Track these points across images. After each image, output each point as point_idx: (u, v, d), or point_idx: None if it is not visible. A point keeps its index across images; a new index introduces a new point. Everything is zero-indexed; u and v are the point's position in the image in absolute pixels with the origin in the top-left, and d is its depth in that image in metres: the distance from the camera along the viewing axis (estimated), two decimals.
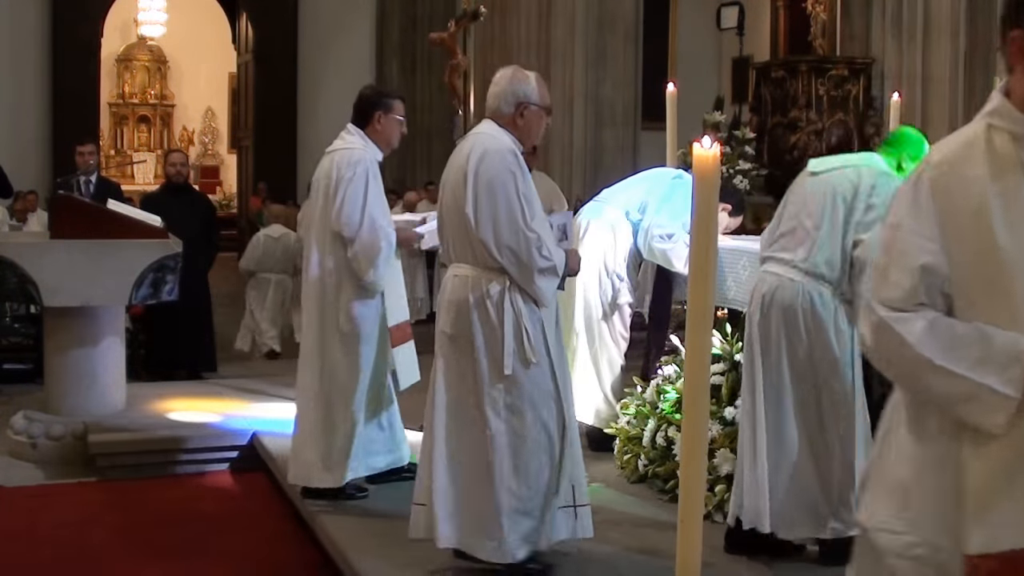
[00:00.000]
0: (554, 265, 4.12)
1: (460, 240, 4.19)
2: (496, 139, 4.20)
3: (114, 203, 6.98)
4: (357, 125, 5.37)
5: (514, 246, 4.08)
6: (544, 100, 4.30)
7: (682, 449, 1.88)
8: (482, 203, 4.10)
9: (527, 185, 4.16)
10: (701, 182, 1.91)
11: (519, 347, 4.10)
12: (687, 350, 1.87)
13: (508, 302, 4.10)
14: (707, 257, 1.88)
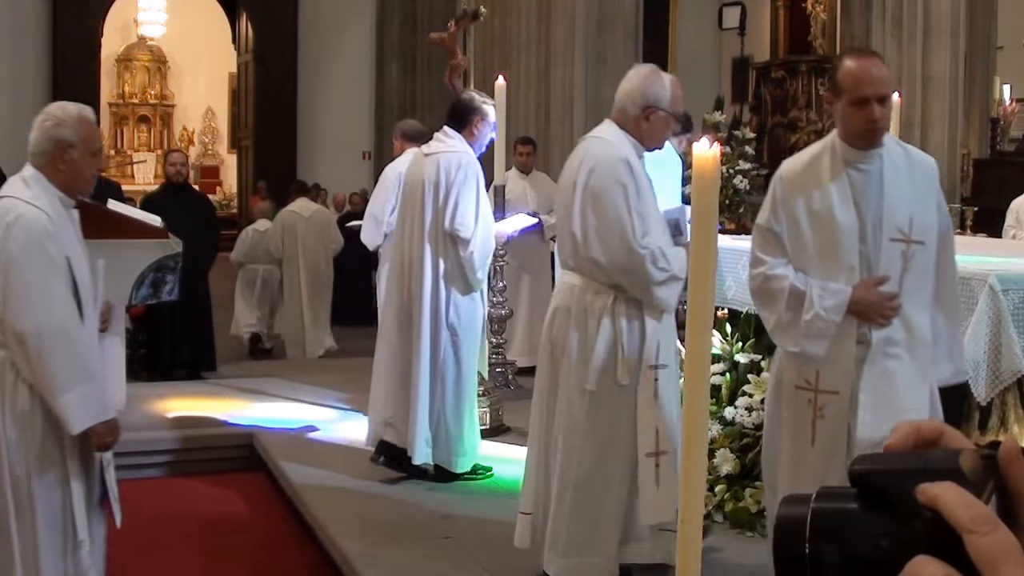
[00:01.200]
0: (673, 273, 3.90)
1: (568, 249, 4.03)
2: (610, 146, 3.98)
3: (114, 203, 6.97)
4: (454, 128, 5.61)
5: (627, 266, 3.88)
6: (676, 107, 4.08)
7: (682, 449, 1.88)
8: (589, 221, 3.90)
9: (640, 194, 3.92)
10: (701, 182, 1.91)
11: (611, 366, 3.91)
12: (687, 350, 1.87)
13: (609, 318, 3.90)
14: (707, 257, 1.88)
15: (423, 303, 5.50)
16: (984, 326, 4.26)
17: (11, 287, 3.45)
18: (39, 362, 3.43)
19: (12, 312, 3.45)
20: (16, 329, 3.45)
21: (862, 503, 0.67)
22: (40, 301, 3.46)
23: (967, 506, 0.64)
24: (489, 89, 6.69)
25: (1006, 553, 0.63)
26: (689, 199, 5.83)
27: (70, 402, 3.46)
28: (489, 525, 4.99)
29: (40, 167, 3.60)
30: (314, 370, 8.93)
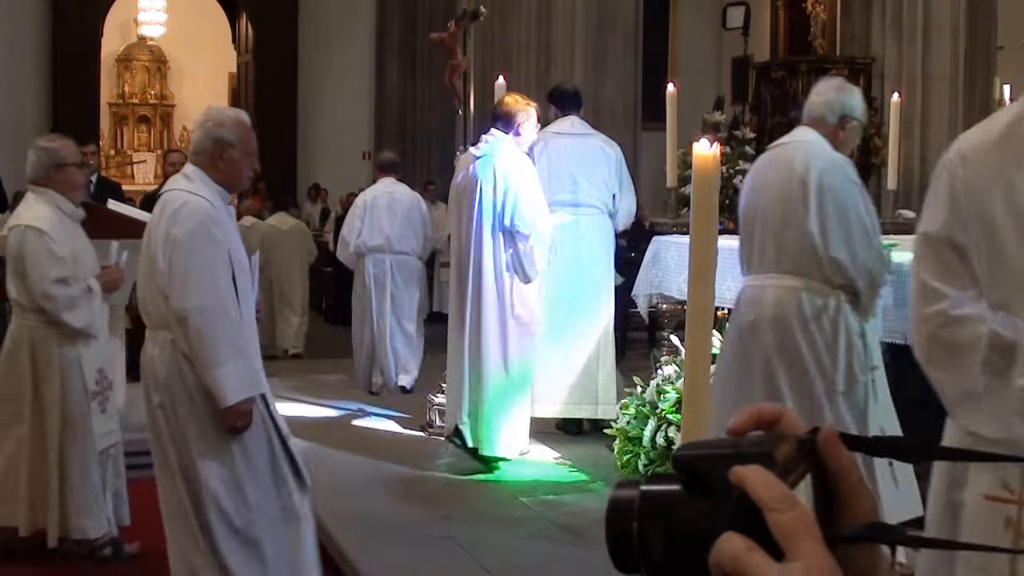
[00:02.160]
0: (886, 279, 4.14)
1: (786, 251, 4.00)
2: (826, 150, 4.08)
3: (114, 203, 6.98)
4: (502, 130, 5.98)
5: (871, 264, 3.98)
6: (865, 117, 4.32)
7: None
8: (831, 220, 3.94)
9: (868, 198, 4.12)
10: (701, 182, 1.91)
11: (848, 365, 3.99)
12: (687, 350, 1.87)
13: (842, 318, 3.98)
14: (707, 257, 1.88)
15: (487, 298, 5.87)
16: None
17: (176, 268, 3.67)
18: (198, 338, 3.63)
19: (176, 292, 3.67)
20: (179, 307, 3.66)
21: (685, 486, 0.73)
22: (204, 282, 3.67)
23: (769, 486, 0.70)
24: (489, 89, 6.69)
25: (802, 528, 0.69)
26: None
27: (224, 375, 3.64)
28: (489, 525, 5.00)
29: (200, 164, 3.86)
30: (314, 370, 8.94)
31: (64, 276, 4.82)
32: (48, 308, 4.80)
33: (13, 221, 5.01)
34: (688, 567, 0.72)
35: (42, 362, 4.87)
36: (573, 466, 6.03)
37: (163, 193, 3.96)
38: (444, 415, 6.42)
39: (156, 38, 21.84)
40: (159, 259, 3.71)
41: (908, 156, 9.31)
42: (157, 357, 3.75)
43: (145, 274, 3.82)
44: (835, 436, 0.76)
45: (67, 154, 5.05)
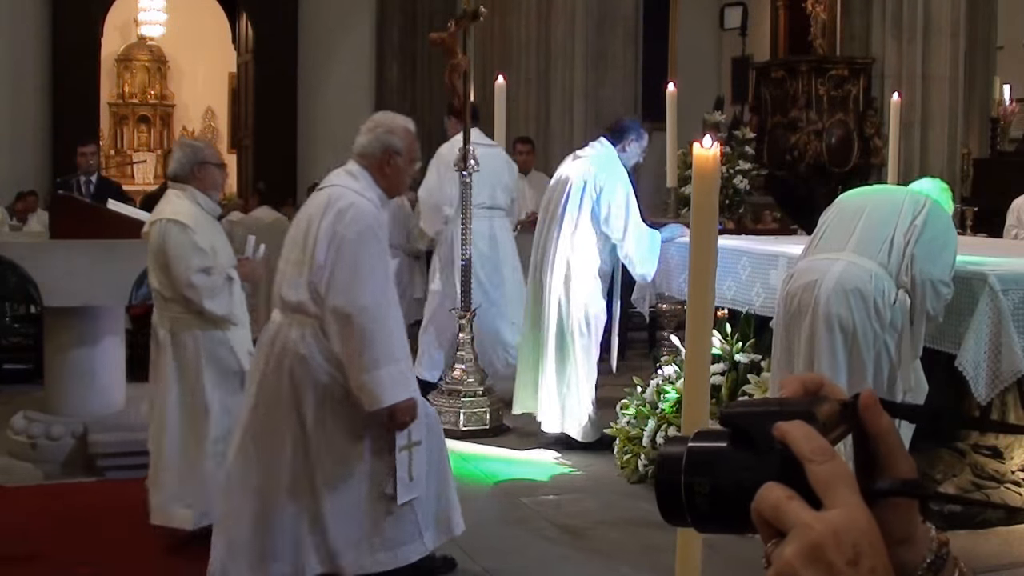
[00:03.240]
0: None
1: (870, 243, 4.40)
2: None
3: (114, 203, 6.98)
4: (611, 142, 6.35)
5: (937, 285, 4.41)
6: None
7: None
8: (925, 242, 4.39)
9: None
10: (701, 182, 1.91)
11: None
12: (687, 350, 1.87)
13: (900, 309, 4.37)
14: (707, 257, 1.88)
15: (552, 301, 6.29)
16: (984, 326, 4.26)
17: (341, 268, 3.79)
18: (360, 339, 3.75)
19: (339, 291, 3.78)
20: (340, 304, 3.77)
21: (731, 441, 0.77)
22: (369, 284, 3.81)
23: (810, 439, 0.74)
24: (489, 89, 6.69)
25: (840, 478, 0.73)
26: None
27: (383, 376, 3.76)
28: (489, 525, 5.00)
29: (367, 166, 4.03)
30: None
31: (206, 266, 5.03)
32: (192, 297, 4.99)
33: (155, 216, 5.23)
34: (732, 518, 0.77)
35: (187, 349, 5.04)
36: (573, 466, 6.03)
37: (324, 186, 4.07)
38: (440, 416, 6.45)
39: (156, 38, 21.83)
40: (319, 253, 3.82)
41: (908, 156, 9.32)
42: (298, 340, 3.88)
43: (294, 260, 3.94)
44: (875, 400, 0.80)
45: (210, 154, 5.35)
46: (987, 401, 4.38)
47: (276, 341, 3.97)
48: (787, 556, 0.71)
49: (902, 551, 0.78)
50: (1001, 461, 4.82)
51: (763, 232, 8.76)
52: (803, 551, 0.71)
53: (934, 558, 0.80)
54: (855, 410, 0.80)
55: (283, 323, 3.98)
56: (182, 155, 5.30)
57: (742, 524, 0.76)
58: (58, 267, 6.14)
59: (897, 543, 0.77)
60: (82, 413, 6.37)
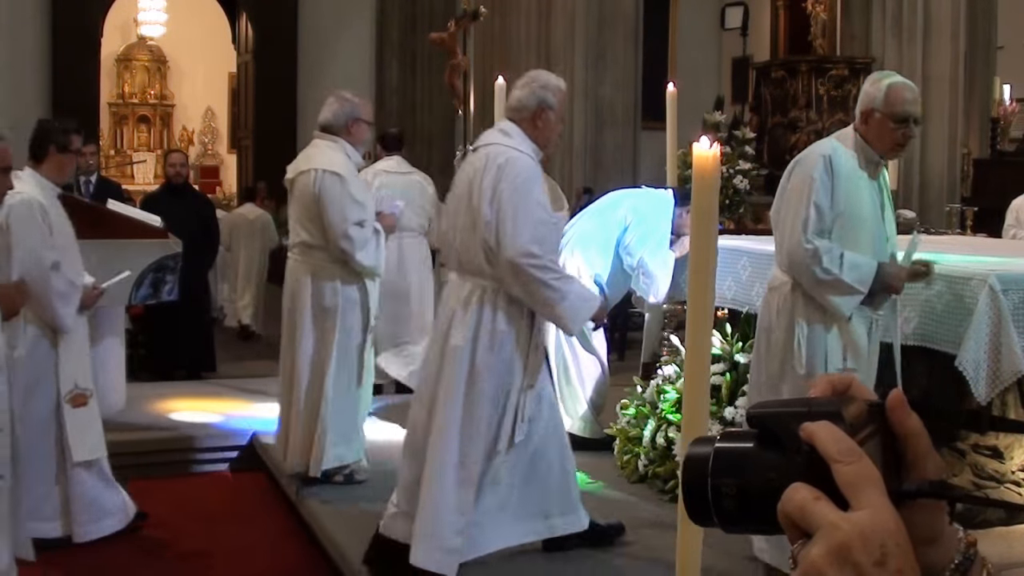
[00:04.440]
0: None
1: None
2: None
3: (114, 203, 6.98)
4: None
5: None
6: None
7: (682, 449, 1.88)
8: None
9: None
10: (701, 182, 1.91)
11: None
12: (687, 350, 1.87)
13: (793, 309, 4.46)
14: (707, 257, 1.88)
15: None
16: (984, 326, 4.26)
17: (505, 220, 4.00)
18: (535, 281, 4.01)
19: (507, 243, 4.00)
20: (511, 256, 3.99)
21: (758, 442, 0.77)
22: (530, 230, 4.01)
23: (837, 440, 0.73)
24: (489, 89, 6.70)
25: (866, 479, 0.72)
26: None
27: (567, 308, 4.06)
28: None
29: (519, 121, 4.20)
30: None
31: (361, 219, 5.26)
32: (346, 248, 5.21)
33: (307, 164, 5.37)
34: (759, 518, 0.77)
35: (325, 299, 5.28)
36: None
37: (479, 146, 4.26)
38: None
39: (156, 38, 21.83)
40: (485, 210, 4.03)
41: (908, 156, 9.31)
42: (473, 303, 4.10)
43: (462, 225, 4.15)
44: (903, 400, 0.79)
45: (365, 112, 5.52)
46: (987, 401, 4.37)
47: (448, 303, 4.22)
48: (814, 557, 0.71)
49: (930, 552, 0.78)
50: (1001, 461, 4.82)
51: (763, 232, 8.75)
52: (830, 552, 0.71)
53: (962, 559, 0.79)
54: (883, 410, 0.79)
55: (458, 284, 4.20)
56: (339, 108, 5.47)
57: (769, 525, 0.76)
58: None
59: (924, 544, 0.77)
60: None
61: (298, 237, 5.39)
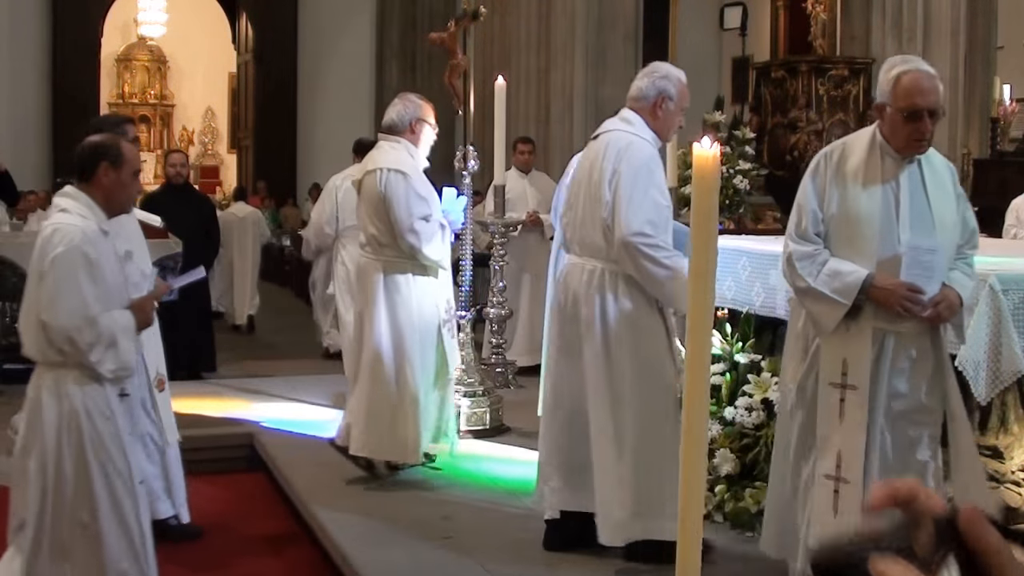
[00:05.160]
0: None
1: None
2: None
3: None
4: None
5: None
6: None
7: (682, 449, 1.88)
8: None
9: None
10: (701, 182, 1.91)
11: None
12: (687, 350, 1.87)
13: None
14: (707, 257, 1.88)
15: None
16: (984, 326, 4.26)
17: (623, 200, 4.15)
18: (648, 260, 4.12)
19: (621, 223, 4.13)
20: (621, 236, 4.13)
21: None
22: (642, 212, 4.14)
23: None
24: (489, 89, 6.69)
25: None
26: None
27: (679, 287, 4.07)
28: (489, 525, 5.00)
29: (639, 110, 4.34)
30: (314, 370, 8.94)
31: (426, 214, 5.46)
32: (412, 242, 5.44)
33: (372, 165, 5.61)
34: None
35: (400, 292, 5.51)
36: None
37: (601, 133, 4.41)
38: None
39: (156, 38, 21.84)
40: (604, 192, 4.19)
41: None
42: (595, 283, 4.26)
43: (585, 209, 4.30)
44: (979, 517, 0.75)
45: (428, 114, 5.70)
46: (987, 401, 4.37)
47: (570, 284, 4.35)
48: None
49: None
50: (1001, 461, 4.81)
51: (763, 232, 8.76)
52: None
53: None
54: (954, 527, 0.75)
55: (578, 266, 4.34)
56: (403, 109, 5.66)
57: None
58: None
59: None
60: None
61: (368, 235, 5.66)
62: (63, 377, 3.63)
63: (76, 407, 3.62)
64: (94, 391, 3.65)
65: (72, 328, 3.55)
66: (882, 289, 3.61)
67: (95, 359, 3.59)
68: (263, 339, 11.55)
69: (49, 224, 3.66)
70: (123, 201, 3.88)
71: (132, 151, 3.88)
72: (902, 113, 3.61)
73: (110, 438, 3.66)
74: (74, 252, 3.55)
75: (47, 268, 3.56)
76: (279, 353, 10.44)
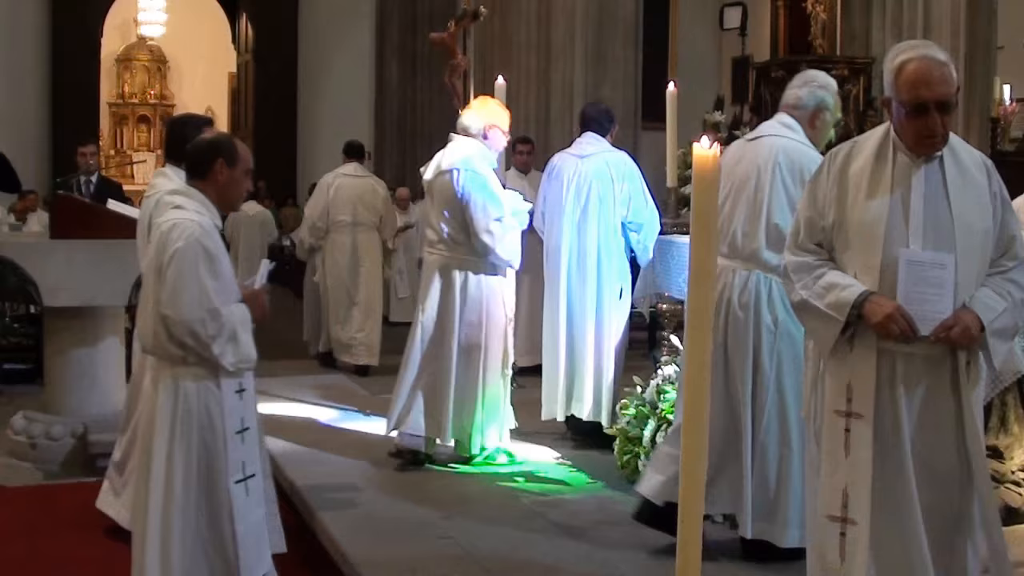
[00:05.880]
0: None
1: None
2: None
3: (114, 203, 6.97)
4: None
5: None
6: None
7: (682, 449, 1.88)
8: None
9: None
10: (701, 182, 1.91)
11: None
12: (687, 350, 1.87)
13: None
14: (707, 257, 1.88)
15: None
16: None
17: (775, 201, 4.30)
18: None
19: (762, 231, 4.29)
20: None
21: None
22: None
23: None
24: (489, 89, 6.69)
25: None
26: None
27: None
28: (489, 525, 4.99)
29: (798, 118, 4.40)
30: (314, 370, 8.93)
31: (500, 215, 5.73)
32: (487, 242, 5.71)
33: (447, 164, 5.84)
34: None
35: (470, 290, 5.79)
36: (573, 466, 6.03)
37: (761, 136, 4.45)
38: None
39: (156, 38, 21.85)
40: (773, 196, 4.28)
41: None
42: (750, 288, 4.35)
43: (745, 213, 4.36)
44: None
45: (504, 119, 6.01)
46: (987, 401, 4.37)
47: (724, 290, 4.36)
48: None
49: None
50: (1001, 461, 4.81)
51: None
52: None
53: None
54: None
55: (727, 270, 4.37)
56: (478, 113, 5.97)
57: None
58: (58, 267, 6.13)
59: None
60: (82, 413, 6.37)
61: (440, 234, 5.88)
62: (182, 374, 3.61)
63: (191, 406, 3.61)
64: (210, 389, 3.64)
65: (195, 321, 3.53)
66: (875, 307, 3.12)
67: (217, 352, 3.58)
68: (264, 338, 11.52)
69: (167, 220, 3.64)
70: (235, 198, 3.88)
71: (246, 149, 3.89)
72: (906, 107, 3.16)
73: (223, 436, 3.65)
74: (194, 246, 3.55)
75: (167, 262, 3.55)
76: (279, 353, 10.42)
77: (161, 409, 3.62)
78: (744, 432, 4.34)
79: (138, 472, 3.77)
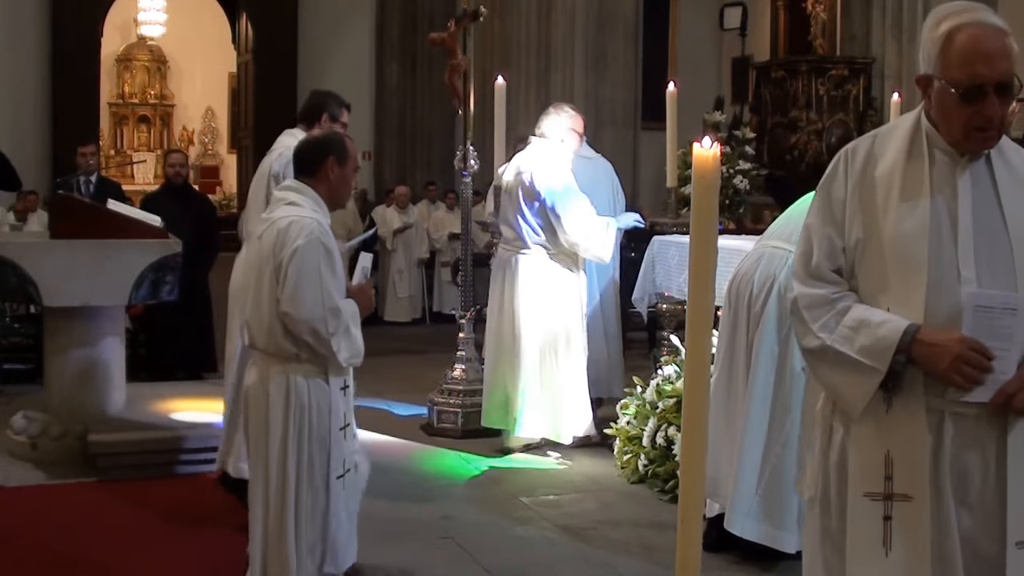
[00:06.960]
0: None
1: None
2: None
3: (114, 203, 6.97)
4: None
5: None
6: None
7: (682, 449, 1.88)
8: None
9: None
10: (701, 182, 1.91)
11: None
12: (687, 350, 1.87)
13: None
14: (707, 257, 1.88)
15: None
16: None
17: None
18: None
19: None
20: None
21: None
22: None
23: None
24: (489, 89, 6.70)
25: None
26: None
27: None
28: (489, 525, 5.00)
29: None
30: None
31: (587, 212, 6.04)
32: (574, 240, 6.05)
33: (525, 167, 6.12)
34: None
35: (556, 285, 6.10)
36: (573, 466, 6.03)
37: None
38: (441, 416, 6.77)
39: (156, 38, 21.84)
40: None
41: None
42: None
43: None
44: None
45: (579, 123, 6.35)
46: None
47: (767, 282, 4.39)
48: None
49: None
50: None
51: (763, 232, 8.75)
52: None
53: None
54: None
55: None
56: (556, 119, 6.26)
57: None
58: (58, 267, 6.13)
59: None
60: (82, 413, 6.36)
61: (517, 233, 6.15)
62: (293, 371, 3.63)
63: (303, 402, 3.64)
64: (320, 386, 3.67)
65: (317, 319, 3.56)
66: (931, 345, 2.33)
67: (336, 348, 3.61)
68: None
69: (283, 216, 3.65)
70: (344, 196, 3.91)
71: (355, 147, 3.92)
72: (957, 89, 2.36)
73: (329, 433, 3.68)
74: (315, 244, 3.58)
75: (287, 260, 3.57)
76: None
77: (274, 405, 3.65)
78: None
79: (251, 469, 3.81)
